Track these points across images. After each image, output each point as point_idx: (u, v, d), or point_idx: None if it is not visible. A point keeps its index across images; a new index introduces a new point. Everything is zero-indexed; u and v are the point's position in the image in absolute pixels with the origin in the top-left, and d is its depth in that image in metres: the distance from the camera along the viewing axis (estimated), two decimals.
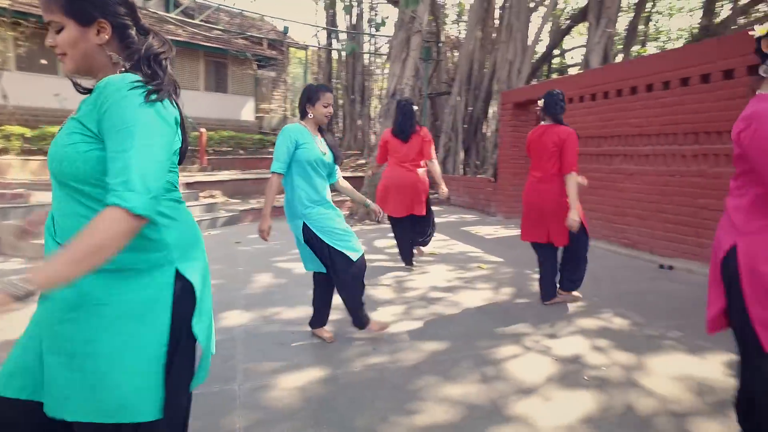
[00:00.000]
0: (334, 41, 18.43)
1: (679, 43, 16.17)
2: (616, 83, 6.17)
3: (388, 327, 3.23)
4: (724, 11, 13.91)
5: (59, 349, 1.16)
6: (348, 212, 8.49)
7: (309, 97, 2.95)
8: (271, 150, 16.14)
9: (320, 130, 3.01)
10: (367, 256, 3.13)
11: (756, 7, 11.86)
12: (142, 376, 1.17)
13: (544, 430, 2.12)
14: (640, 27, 14.33)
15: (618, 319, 3.53)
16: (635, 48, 14.53)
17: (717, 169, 4.93)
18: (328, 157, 2.96)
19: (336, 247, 2.83)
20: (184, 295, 1.23)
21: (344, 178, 3.25)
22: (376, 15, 17.68)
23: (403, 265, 5.09)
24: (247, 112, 17.15)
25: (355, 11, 17.18)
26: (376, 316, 3.42)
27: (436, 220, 5.48)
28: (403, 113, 4.76)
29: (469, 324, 3.43)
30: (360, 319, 3.05)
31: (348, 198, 9.34)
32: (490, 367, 2.74)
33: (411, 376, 2.61)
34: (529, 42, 10.62)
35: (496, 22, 12.49)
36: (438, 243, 6.24)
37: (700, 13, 15.96)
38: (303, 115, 2.97)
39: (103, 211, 1.04)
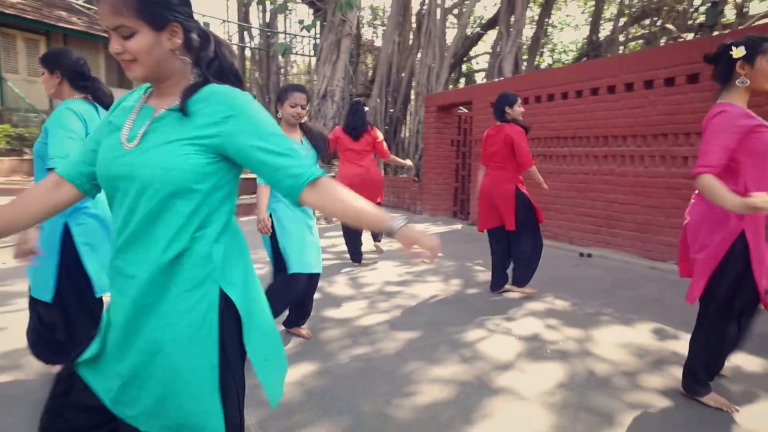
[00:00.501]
0: (262, 41, 17.90)
1: (570, 56, 17.97)
2: (535, 90, 6.81)
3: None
4: (618, 22, 15.72)
5: (141, 350, 1.15)
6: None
7: (278, 97, 2.98)
8: None
9: (303, 128, 3.03)
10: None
11: (635, 25, 13.56)
12: (200, 400, 1.14)
13: (530, 397, 2.39)
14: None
15: (559, 301, 3.98)
16: (538, 58, 15.91)
17: (624, 168, 5.68)
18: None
19: (283, 251, 2.82)
20: (229, 315, 1.17)
21: (242, 179, 3.18)
22: (290, 13, 17.44)
23: (350, 262, 5.22)
24: None
25: (269, 9, 16.87)
26: (341, 312, 3.58)
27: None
28: (354, 112, 4.94)
29: (433, 313, 3.67)
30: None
31: None
32: (465, 350, 2.98)
33: (398, 363, 2.77)
34: (448, 48, 11.21)
35: (413, 26, 12.99)
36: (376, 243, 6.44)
37: (587, 28, 17.97)
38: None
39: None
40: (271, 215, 2.85)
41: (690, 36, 12.30)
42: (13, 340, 2.88)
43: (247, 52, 18.54)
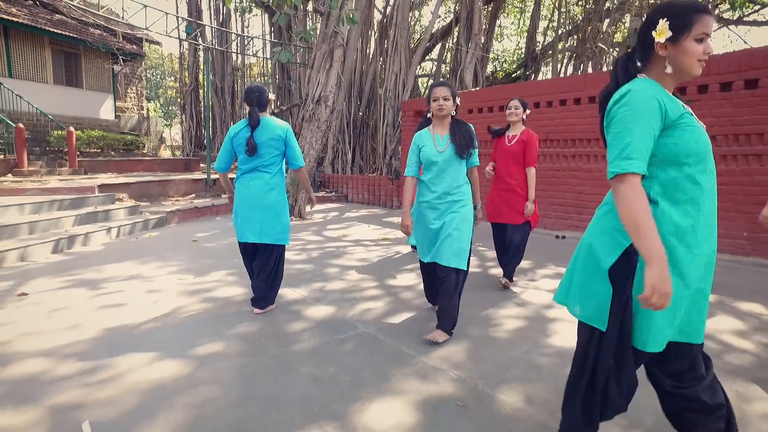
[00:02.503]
0: (216, 41, 17.79)
1: (511, 65, 19.69)
2: (506, 101, 7.94)
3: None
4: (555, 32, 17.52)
5: None
6: None
7: (427, 97, 3.09)
8: (144, 152, 15.07)
9: (453, 123, 3.09)
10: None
11: (571, 37, 15.32)
12: None
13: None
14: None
15: (561, 269, 5.04)
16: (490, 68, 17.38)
17: (589, 165, 6.95)
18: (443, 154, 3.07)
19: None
20: None
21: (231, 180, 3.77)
22: (246, 18, 17.63)
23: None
24: (107, 111, 15.65)
25: (222, 10, 16.98)
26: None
27: (352, 214, 6.50)
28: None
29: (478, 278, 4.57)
30: None
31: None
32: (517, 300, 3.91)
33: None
34: (414, 56, 12.20)
35: (375, 34, 13.83)
36: (381, 231, 7.27)
37: (520, 36, 19.81)
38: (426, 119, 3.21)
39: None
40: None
41: (616, 53, 14.23)
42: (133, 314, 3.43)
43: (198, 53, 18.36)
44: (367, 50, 13.90)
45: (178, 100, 27.45)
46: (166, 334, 3.02)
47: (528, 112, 4.34)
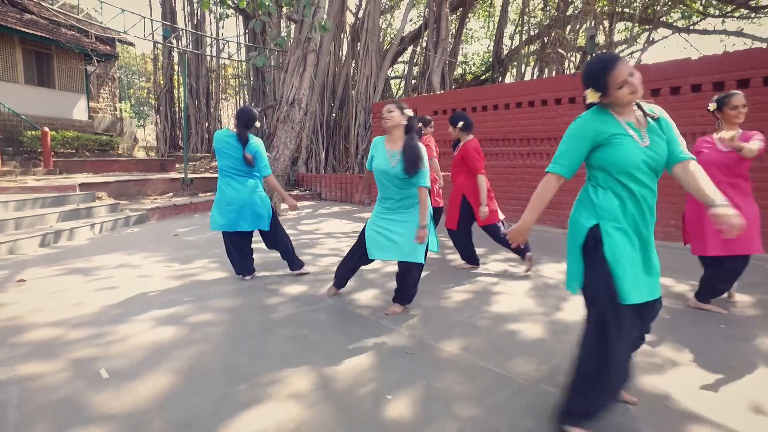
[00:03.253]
0: (191, 44, 17.94)
1: (480, 67, 20.46)
2: (472, 102, 8.57)
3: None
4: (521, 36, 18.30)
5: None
6: None
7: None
8: (119, 152, 15.20)
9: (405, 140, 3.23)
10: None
11: (535, 42, 16.12)
12: None
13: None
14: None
15: (511, 254, 5.64)
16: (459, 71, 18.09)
17: (542, 162, 7.61)
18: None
19: None
20: None
21: (197, 179, 4.55)
22: (220, 22, 17.87)
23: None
24: (80, 111, 15.71)
25: (197, 13, 17.20)
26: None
27: (325, 211, 7.00)
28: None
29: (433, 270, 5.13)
30: None
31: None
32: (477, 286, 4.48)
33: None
34: (385, 60, 12.74)
35: (348, 38, 14.33)
36: (352, 226, 7.79)
37: (487, 40, 20.60)
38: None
39: None
40: None
41: (576, 58, 15.09)
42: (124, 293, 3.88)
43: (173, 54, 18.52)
44: (340, 54, 14.39)
45: (150, 100, 27.36)
46: (160, 308, 3.47)
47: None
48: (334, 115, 13.80)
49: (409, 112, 3.28)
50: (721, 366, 2.61)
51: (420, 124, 3.71)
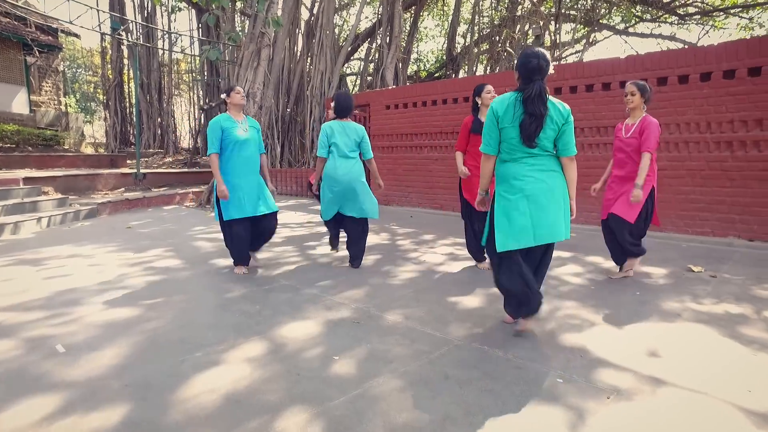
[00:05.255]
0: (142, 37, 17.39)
1: (434, 65, 20.91)
2: (423, 97, 8.88)
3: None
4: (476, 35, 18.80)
5: None
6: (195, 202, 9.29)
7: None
8: (66, 147, 14.61)
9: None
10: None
11: (486, 41, 16.65)
12: None
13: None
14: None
15: (462, 239, 5.96)
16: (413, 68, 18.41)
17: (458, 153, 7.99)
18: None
19: None
20: None
21: (150, 174, 4.67)
22: (172, 15, 17.45)
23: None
24: (20, 104, 15.00)
25: (148, 5, 16.75)
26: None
27: (281, 204, 7.17)
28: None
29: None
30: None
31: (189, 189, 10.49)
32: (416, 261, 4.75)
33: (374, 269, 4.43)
34: (339, 56, 12.89)
35: (302, 34, 14.36)
36: (306, 217, 7.94)
37: (442, 38, 21.08)
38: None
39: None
40: None
41: None
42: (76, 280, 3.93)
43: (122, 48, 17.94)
44: (295, 49, 14.42)
45: (98, 95, 26.34)
46: (115, 292, 3.54)
47: None
48: (289, 110, 13.83)
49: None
50: (629, 323, 2.97)
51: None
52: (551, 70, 2.67)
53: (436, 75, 19.28)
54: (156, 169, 13.24)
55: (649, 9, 15.00)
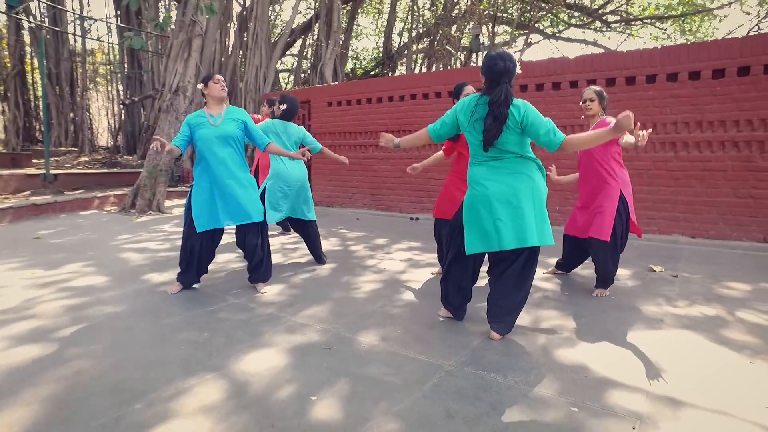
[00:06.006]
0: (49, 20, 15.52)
1: (370, 63, 20.62)
2: (366, 94, 8.53)
3: None
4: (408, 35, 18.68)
5: None
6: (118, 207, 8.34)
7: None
8: None
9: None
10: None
11: (423, 39, 16.61)
12: None
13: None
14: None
15: (416, 243, 5.70)
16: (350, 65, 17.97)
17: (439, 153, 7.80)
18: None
19: None
20: None
21: (63, 176, 4.14)
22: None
23: None
24: None
25: None
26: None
27: None
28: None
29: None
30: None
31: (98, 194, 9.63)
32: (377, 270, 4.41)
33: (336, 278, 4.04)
34: (275, 51, 12.23)
35: (235, 27, 13.53)
36: None
37: (376, 36, 20.85)
38: None
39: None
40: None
41: (462, 55, 15.84)
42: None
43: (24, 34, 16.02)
44: (227, 42, 13.54)
45: None
46: (19, 324, 2.88)
47: None
48: None
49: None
50: (617, 333, 2.81)
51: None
52: (518, 70, 2.58)
53: (372, 73, 19.04)
54: (70, 170, 11.86)
55: (576, 15, 15.68)
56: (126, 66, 15.51)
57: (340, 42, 12.72)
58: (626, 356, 2.50)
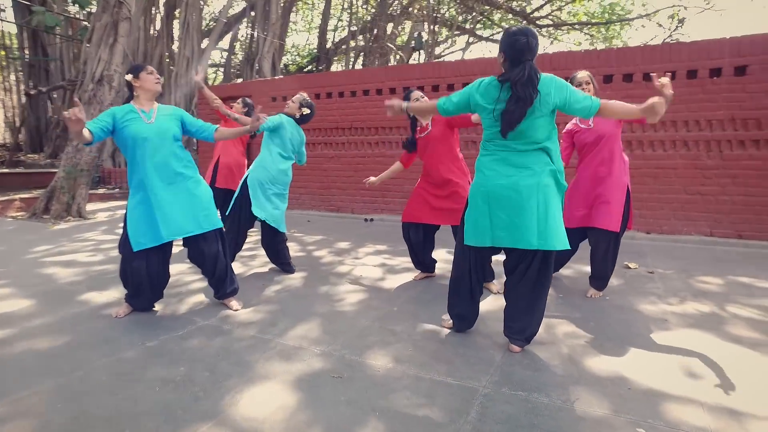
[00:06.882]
0: None
1: (304, 58, 19.96)
2: (316, 89, 8.07)
3: None
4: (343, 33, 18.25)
5: None
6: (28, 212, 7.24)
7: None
8: None
9: None
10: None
11: (360, 36, 16.29)
12: None
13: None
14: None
15: (381, 246, 5.38)
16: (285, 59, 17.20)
17: (392, 151, 7.54)
18: None
19: None
20: None
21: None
22: None
23: None
24: None
25: None
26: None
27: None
28: None
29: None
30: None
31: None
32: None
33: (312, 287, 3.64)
34: (210, 41, 11.35)
35: (161, 14, 12.42)
36: None
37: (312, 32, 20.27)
38: None
39: None
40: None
41: (401, 53, 15.73)
42: None
43: None
44: (152, 31, 12.40)
45: None
46: None
47: None
48: None
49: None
50: (633, 336, 2.68)
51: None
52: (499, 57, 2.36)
53: (306, 69, 18.47)
54: None
55: (508, 18, 16.15)
56: (27, 51, 13.73)
57: (278, 35, 12.08)
58: (656, 362, 2.35)
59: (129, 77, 2.84)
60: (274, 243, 4.07)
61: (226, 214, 3.97)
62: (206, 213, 2.94)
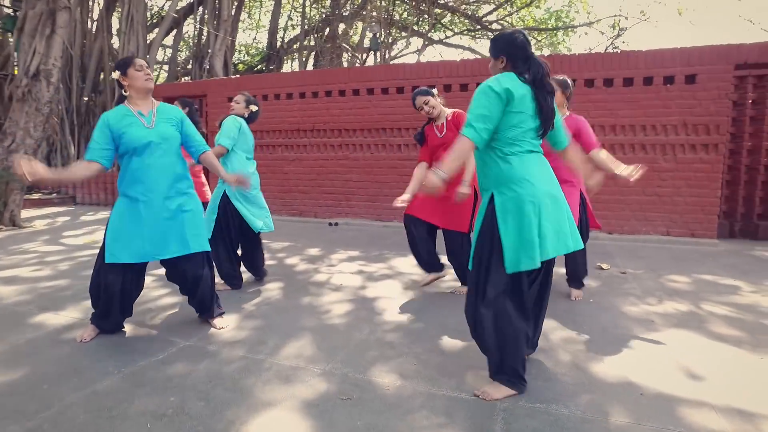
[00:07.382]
0: None
1: (254, 58, 19.36)
2: (275, 89, 7.80)
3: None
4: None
5: None
6: None
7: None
8: None
9: None
10: None
11: (312, 36, 16.01)
12: None
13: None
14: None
15: (354, 252, 5.24)
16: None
17: (355, 154, 7.40)
18: None
19: None
20: None
21: None
22: None
23: None
24: None
25: None
26: None
27: (89, 218, 5.60)
28: None
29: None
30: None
31: None
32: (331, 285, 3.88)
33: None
34: (156, 36, 10.72)
35: (99, 7, 11.62)
36: None
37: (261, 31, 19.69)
38: None
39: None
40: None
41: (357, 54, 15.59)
42: None
43: None
44: (90, 24, 11.58)
45: None
46: None
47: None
48: (86, 99, 11.02)
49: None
50: (627, 338, 2.71)
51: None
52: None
53: (256, 69, 17.95)
54: None
55: (456, 22, 16.43)
56: None
57: (229, 32, 11.61)
58: (656, 364, 2.38)
59: (116, 75, 2.55)
60: (253, 245, 3.87)
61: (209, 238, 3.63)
62: (195, 233, 2.69)
